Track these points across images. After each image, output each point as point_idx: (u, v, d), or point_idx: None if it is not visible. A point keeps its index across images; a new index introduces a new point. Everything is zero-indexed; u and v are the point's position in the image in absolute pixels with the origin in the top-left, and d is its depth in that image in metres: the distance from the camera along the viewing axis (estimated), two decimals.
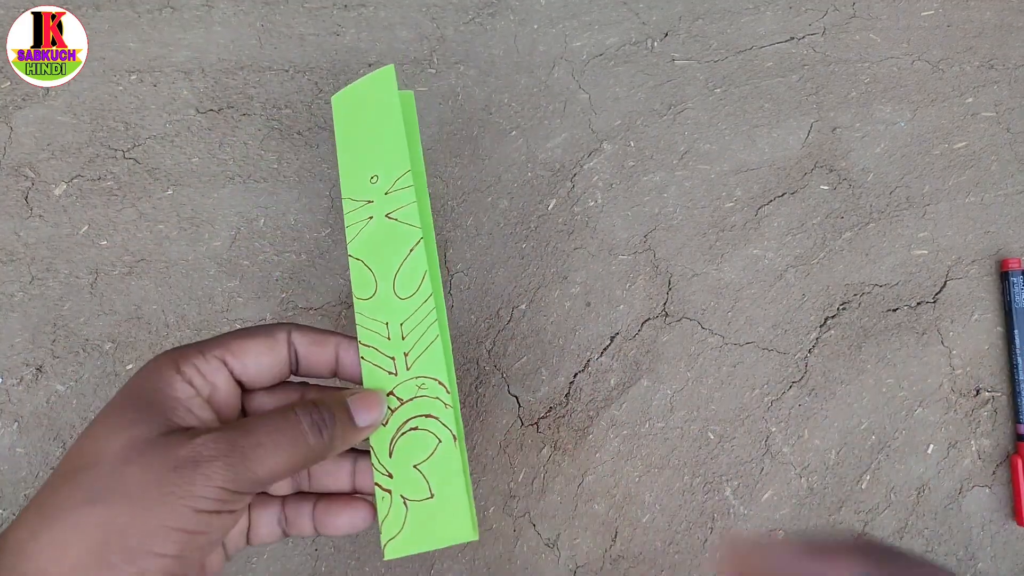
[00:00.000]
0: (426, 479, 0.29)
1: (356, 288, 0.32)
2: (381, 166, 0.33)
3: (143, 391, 0.26)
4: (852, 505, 0.48)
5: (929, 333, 0.49)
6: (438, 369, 0.30)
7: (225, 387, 0.28)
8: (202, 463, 0.23)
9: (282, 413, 0.26)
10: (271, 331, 0.29)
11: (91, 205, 0.47)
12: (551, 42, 0.50)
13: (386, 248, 0.32)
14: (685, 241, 0.49)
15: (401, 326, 0.31)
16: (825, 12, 0.51)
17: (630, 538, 0.47)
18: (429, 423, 0.30)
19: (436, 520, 0.29)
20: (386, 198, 0.32)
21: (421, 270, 0.31)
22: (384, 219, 0.32)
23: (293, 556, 0.45)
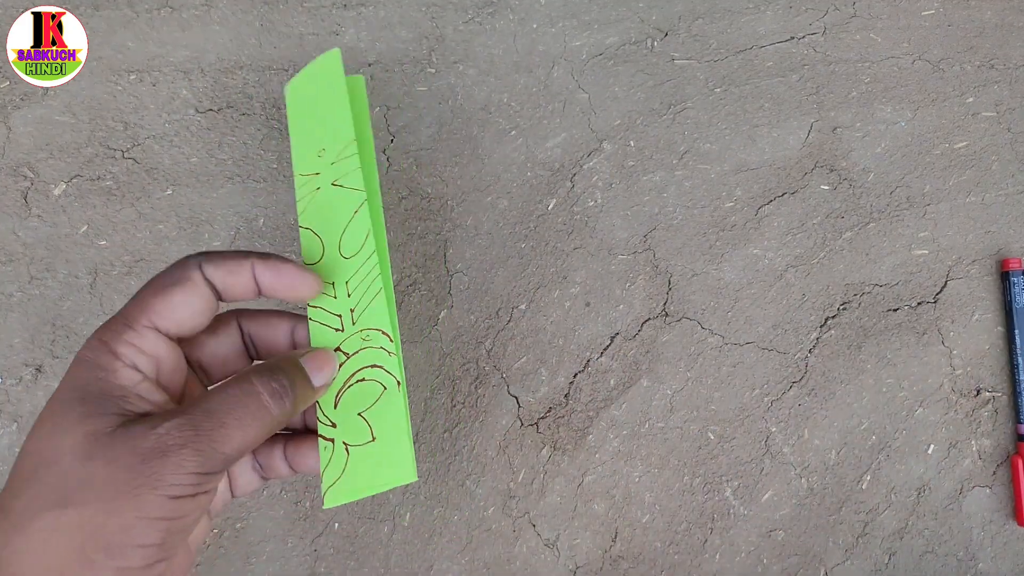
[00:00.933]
0: (369, 424, 0.30)
1: (305, 255, 0.32)
2: (328, 140, 0.33)
3: (86, 383, 0.25)
4: (852, 505, 0.48)
5: (929, 333, 0.49)
6: (381, 320, 0.31)
7: (167, 355, 0.27)
8: (170, 452, 0.23)
9: (240, 386, 0.26)
10: (185, 275, 0.27)
11: (90, 205, 0.47)
12: (551, 42, 0.50)
13: (333, 213, 0.32)
14: (685, 241, 0.49)
15: (347, 284, 0.31)
16: (825, 12, 0.51)
17: (630, 538, 0.47)
18: (375, 372, 0.30)
19: (377, 463, 0.30)
20: (332, 168, 0.33)
21: (364, 229, 0.31)
22: (330, 187, 0.33)
23: (292, 556, 0.45)
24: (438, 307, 0.48)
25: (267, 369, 0.27)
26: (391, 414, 0.30)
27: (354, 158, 0.33)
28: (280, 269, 0.29)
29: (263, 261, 0.29)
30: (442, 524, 0.46)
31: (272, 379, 0.26)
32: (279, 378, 0.27)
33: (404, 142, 0.49)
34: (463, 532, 0.46)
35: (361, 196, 0.32)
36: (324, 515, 0.46)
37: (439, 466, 0.47)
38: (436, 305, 0.48)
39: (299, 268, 0.29)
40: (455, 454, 0.47)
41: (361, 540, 0.46)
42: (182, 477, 0.23)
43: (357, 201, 0.32)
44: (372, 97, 0.49)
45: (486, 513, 0.46)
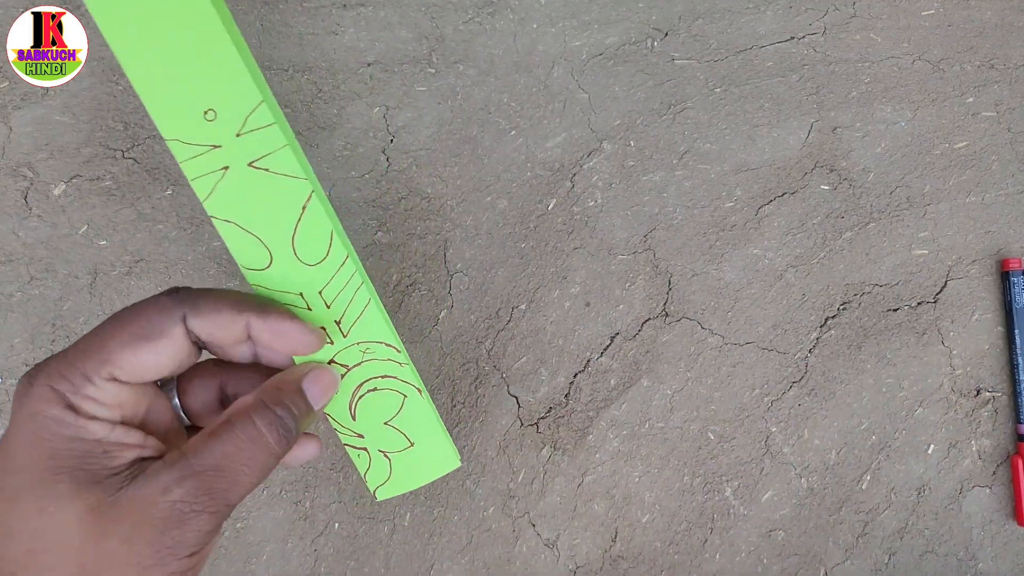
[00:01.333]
0: (401, 432, 0.29)
1: (240, 257, 0.27)
2: (216, 98, 0.25)
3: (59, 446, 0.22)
4: (852, 505, 0.48)
5: (929, 333, 0.49)
6: (381, 332, 0.28)
7: (129, 398, 0.24)
8: (188, 520, 0.22)
9: (246, 433, 0.24)
10: (163, 327, 0.24)
11: (90, 205, 0.47)
12: (550, 41, 0.50)
13: (267, 208, 0.26)
14: (685, 241, 0.49)
15: (321, 295, 0.28)
16: (825, 12, 0.51)
17: (630, 538, 0.47)
18: (389, 383, 0.29)
19: (421, 462, 0.30)
20: (240, 141, 0.26)
21: (326, 230, 0.27)
22: (248, 170, 0.26)
23: (292, 557, 0.45)
24: (438, 307, 0.48)
25: (269, 407, 0.25)
26: (422, 420, 0.30)
27: (273, 130, 0.26)
28: (282, 329, 0.26)
29: (262, 318, 0.25)
30: (442, 524, 0.46)
31: (277, 422, 0.24)
32: (283, 419, 0.25)
33: (404, 142, 0.49)
34: (463, 532, 0.46)
35: (305, 187, 0.26)
36: (324, 515, 0.46)
37: None
38: (436, 305, 0.48)
39: (302, 327, 0.26)
40: None
41: (361, 540, 0.46)
42: (201, 538, 0.23)
43: (302, 193, 0.26)
44: (372, 97, 0.49)
45: (486, 513, 0.46)
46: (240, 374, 0.29)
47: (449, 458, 0.30)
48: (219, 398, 0.29)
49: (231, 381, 0.29)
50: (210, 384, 0.29)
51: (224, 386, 0.29)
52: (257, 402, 0.25)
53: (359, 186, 0.48)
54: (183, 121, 0.26)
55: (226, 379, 0.29)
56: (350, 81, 0.49)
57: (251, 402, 0.25)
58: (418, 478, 0.30)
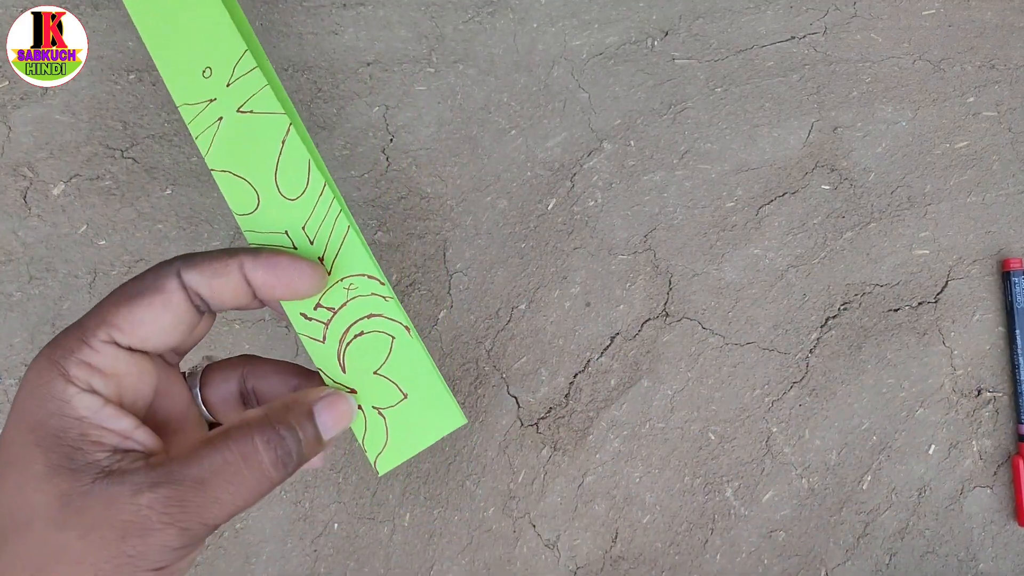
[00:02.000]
0: (392, 381, 0.28)
1: (233, 203, 0.28)
2: (211, 56, 0.28)
3: (42, 419, 0.21)
4: (853, 506, 0.47)
5: (930, 333, 0.49)
6: (363, 264, 0.27)
7: (129, 370, 0.23)
8: (151, 530, 0.20)
9: (240, 448, 0.22)
10: (157, 283, 0.23)
11: (89, 204, 0.47)
12: (551, 41, 0.50)
13: (252, 148, 0.28)
14: (685, 241, 0.49)
15: (304, 230, 0.27)
16: (826, 11, 0.51)
17: (630, 539, 0.46)
18: (375, 323, 0.27)
19: (419, 419, 0.28)
20: (230, 91, 0.28)
21: (303, 160, 0.27)
22: (236, 115, 0.28)
23: (292, 556, 0.45)
24: (438, 307, 0.48)
25: (273, 424, 0.23)
26: (412, 364, 0.28)
27: (255, 74, 0.28)
28: (275, 264, 0.25)
29: (253, 257, 0.24)
30: (442, 525, 0.46)
31: (278, 442, 0.22)
32: (285, 441, 0.23)
33: (403, 142, 0.49)
34: (463, 533, 0.46)
35: (283, 120, 0.27)
36: (324, 515, 0.46)
37: (439, 466, 0.46)
38: (436, 305, 0.48)
39: (296, 259, 0.25)
40: (455, 454, 0.47)
41: (361, 540, 0.45)
42: (165, 554, 0.21)
43: (281, 127, 0.27)
44: (372, 96, 0.49)
45: (486, 514, 0.46)
46: (263, 370, 0.28)
47: (450, 413, 0.28)
48: (240, 393, 0.28)
49: (253, 375, 0.28)
50: (232, 376, 0.28)
51: (246, 379, 0.28)
52: (262, 417, 0.23)
53: (359, 186, 0.48)
54: (189, 84, 0.28)
55: (249, 372, 0.28)
56: (350, 81, 0.49)
57: (256, 416, 0.23)
58: (418, 440, 0.28)
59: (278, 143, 0.27)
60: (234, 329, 0.47)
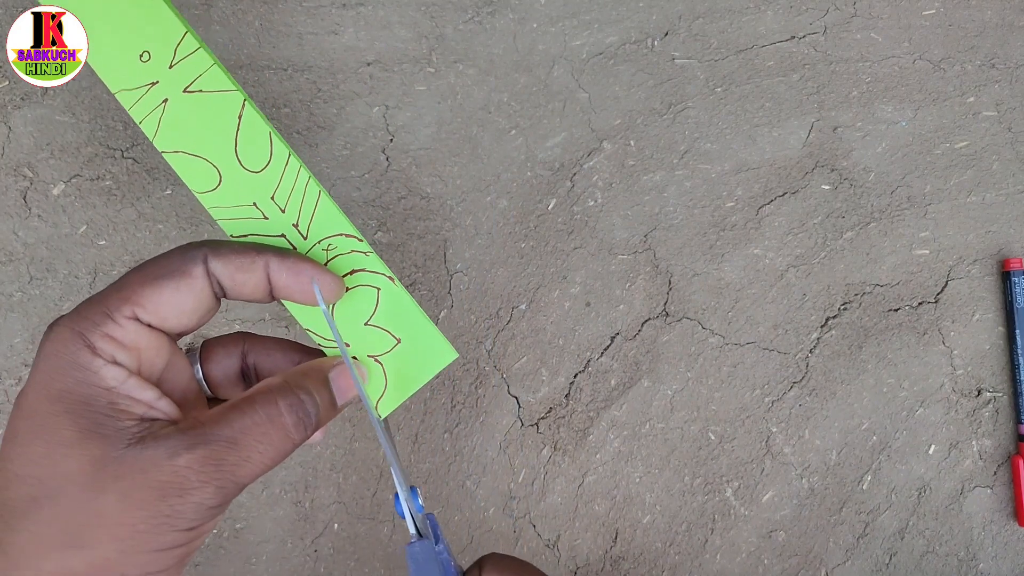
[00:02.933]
0: (385, 329, 0.29)
1: (192, 182, 0.28)
2: (148, 40, 0.28)
3: (68, 388, 0.22)
4: (853, 506, 0.47)
5: (930, 333, 0.49)
6: (339, 223, 0.28)
7: (149, 344, 0.24)
8: (190, 490, 0.21)
9: (266, 410, 0.23)
10: (184, 267, 0.24)
11: (90, 205, 0.47)
12: (551, 41, 0.50)
13: (206, 126, 0.28)
14: (685, 241, 0.49)
15: (274, 200, 0.28)
16: (826, 11, 0.51)
17: (630, 539, 0.46)
18: (359, 278, 0.28)
19: (414, 360, 0.29)
20: (172, 72, 0.28)
21: (264, 133, 0.28)
22: (183, 96, 0.28)
23: (293, 556, 0.45)
24: (438, 307, 0.48)
25: (293, 389, 0.24)
26: (401, 310, 0.29)
27: (200, 54, 0.28)
28: (299, 271, 0.26)
29: (280, 259, 0.26)
30: (443, 525, 0.46)
31: (299, 406, 0.24)
32: (305, 404, 0.24)
33: (403, 142, 0.49)
34: (464, 533, 0.46)
35: (237, 97, 0.28)
36: (324, 515, 0.46)
37: (439, 467, 0.46)
38: (436, 305, 0.48)
39: (321, 269, 0.26)
40: (455, 455, 0.47)
41: (361, 540, 0.45)
42: (201, 513, 0.22)
43: (235, 104, 0.28)
44: (372, 96, 0.49)
45: (486, 514, 0.46)
46: (264, 346, 0.29)
47: (442, 350, 0.29)
48: (240, 369, 0.29)
49: (254, 351, 0.29)
50: (234, 352, 0.29)
51: (247, 355, 0.29)
52: (282, 383, 0.24)
53: (359, 186, 0.48)
54: (125, 70, 0.28)
55: (249, 348, 0.29)
56: (350, 81, 0.49)
57: (276, 382, 0.24)
58: (416, 378, 0.29)
59: (234, 118, 0.28)
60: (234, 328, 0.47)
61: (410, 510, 0.27)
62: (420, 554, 0.27)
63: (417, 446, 0.46)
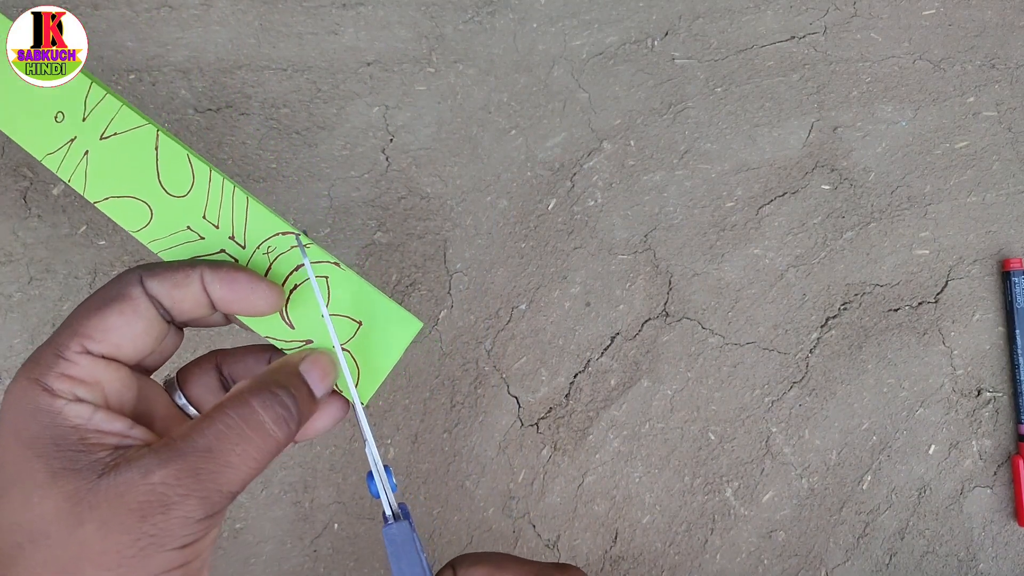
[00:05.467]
0: (344, 316, 0.28)
1: (126, 223, 0.28)
2: (58, 102, 0.29)
3: (35, 435, 0.21)
4: (853, 506, 0.47)
5: (930, 333, 0.49)
6: (273, 224, 0.28)
7: (110, 376, 0.23)
8: (172, 505, 0.21)
9: (239, 412, 0.22)
10: (123, 291, 0.24)
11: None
12: (550, 41, 0.50)
13: (128, 165, 0.28)
14: (685, 241, 0.49)
15: (205, 218, 0.28)
16: (826, 11, 0.51)
17: (630, 539, 0.46)
18: (305, 272, 0.28)
19: (379, 338, 0.28)
20: (87, 124, 0.29)
21: (181, 157, 0.28)
22: (101, 143, 0.28)
23: (291, 557, 0.45)
24: (438, 307, 0.48)
25: (265, 386, 0.23)
26: (354, 293, 0.28)
27: (108, 100, 0.28)
28: (233, 280, 0.25)
29: (213, 271, 0.25)
30: (442, 525, 0.46)
31: (274, 401, 0.23)
32: (280, 398, 0.23)
33: (403, 142, 0.49)
34: (463, 533, 0.46)
35: (150, 130, 0.28)
36: (323, 516, 0.46)
37: (438, 467, 0.46)
38: (436, 305, 0.48)
39: (254, 278, 0.26)
40: (455, 455, 0.47)
41: (361, 540, 0.45)
42: (189, 527, 0.21)
43: (149, 137, 0.28)
44: (372, 96, 0.49)
45: (486, 514, 0.46)
46: (236, 356, 0.29)
47: (405, 322, 0.29)
48: (220, 385, 0.28)
49: (227, 364, 0.28)
50: (209, 370, 0.28)
51: (222, 370, 0.28)
52: (252, 383, 0.24)
53: (358, 186, 0.48)
54: (44, 135, 0.29)
55: (223, 362, 0.28)
56: (349, 81, 0.49)
57: (246, 384, 0.24)
58: (388, 357, 0.29)
59: (151, 150, 0.28)
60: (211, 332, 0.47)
61: (385, 490, 0.27)
62: (398, 535, 0.26)
63: (416, 446, 0.46)
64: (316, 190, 0.48)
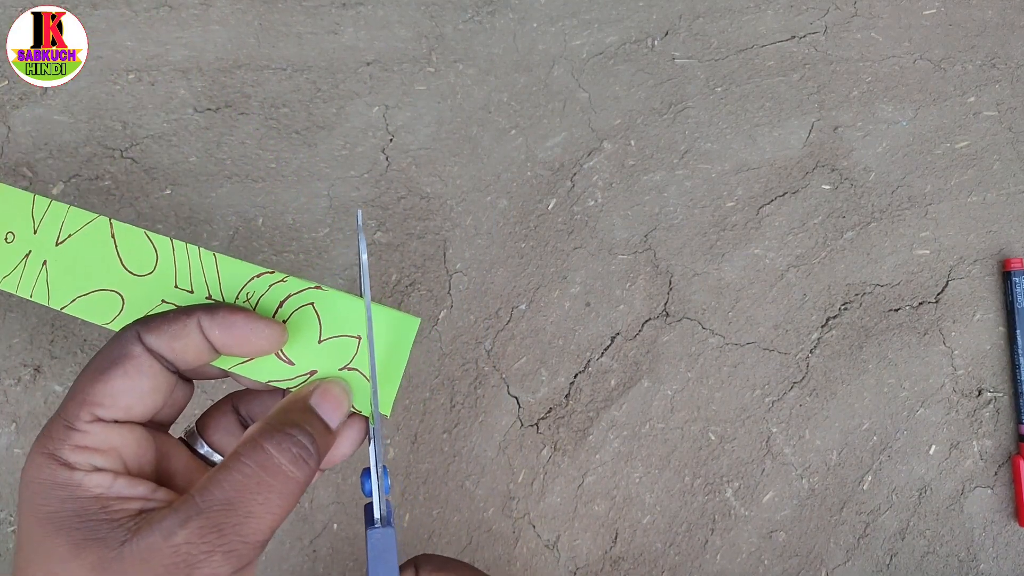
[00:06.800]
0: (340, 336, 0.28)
1: (100, 318, 0.28)
2: (6, 225, 0.29)
3: (56, 511, 0.21)
4: (853, 506, 0.47)
5: (931, 333, 0.49)
6: (245, 271, 0.28)
7: (126, 441, 0.23)
8: (198, 564, 0.20)
9: (255, 459, 0.22)
10: (123, 351, 0.23)
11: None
12: (550, 41, 0.50)
13: (89, 262, 0.28)
14: (686, 241, 0.49)
15: (177, 287, 0.28)
16: (826, 11, 0.51)
17: (630, 539, 0.46)
18: (289, 305, 0.28)
19: (382, 345, 0.28)
20: (39, 236, 0.29)
21: (139, 236, 0.28)
22: (58, 249, 0.28)
23: (291, 557, 0.45)
24: (438, 307, 0.48)
25: (278, 428, 0.23)
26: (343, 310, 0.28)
27: (55, 206, 0.29)
28: (231, 323, 0.24)
29: (210, 315, 0.24)
30: (441, 525, 0.46)
31: (289, 442, 0.22)
32: (296, 438, 0.23)
33: (403, 141, 0.48)
34: (463, 533, 0.46)
35: (104, 222, 0.28)
36: (323, 516, 0.46)
37: (438, 467, 0.46)
38: (436, 305, 0.48)
39: (252, 318, 0.25)
40: (454, 455, 0.47)
41: (360, 541, 0.45)
42: None
43: (103, 228, 0.28)
44: (371, 96, 0.49)
45: (486, 514, 0.46)
46: (252, 395, 0.28)
47: (404, 322, 0.28)
48: (241, 427, 0.28)
49: (243, 405, 0.28)
50: (227, 412, 0.28)
51: (239, 412, 0.28)
52: (263, 427, 0.23)
53: (358, 185, 0.48)
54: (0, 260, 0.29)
55: (239, 403, 0.28)
56: (349, 80, 0.49)
57: (257, 429, 0.23)
58: (397, 361, 0.28)
59: (109, 239, 0.28)
60: None
61: (379, 492, 0.26)
62: (381, 541, 0.25)
63: (416, 446, 0.46)
64: (316, 190, 0.48)
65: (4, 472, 0.44)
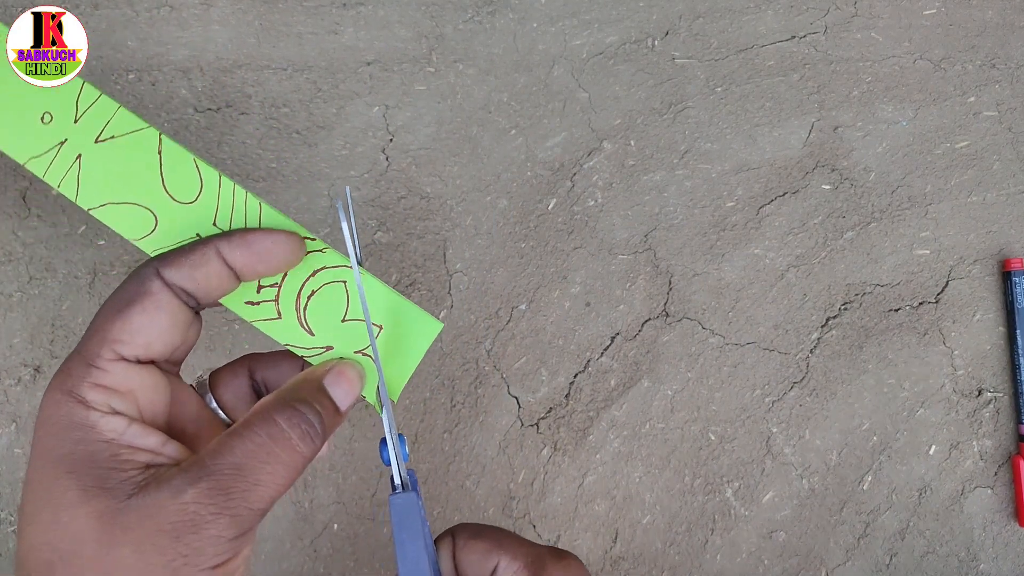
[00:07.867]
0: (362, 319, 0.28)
1: (127, 232, 0.27)
2: (46, 101, 0.28)
3: (68, 451, 0.21)
4: (853, 506, 0.47)
5: (931, 333, 0.49)
6: (284, 225, 0.27)
7: (144, 383, 0.23)
8: (203, 524, 0.21)
9: (266, 430, 0.22)
10: (142, 287, 0.23)
11: None
12: (551, 41, 0.50)
13: (128, 171, 0.27)
14: (686, 241, 0.49)
15: (216, 224, 0.27)
16: (827, 11, 0.51)
17: (630, 539, 0.46)
18: (322, 276, 0.27)
19: (401, 341, 0.28)
20: (79, 126, 0.27)
21: (188, 161, 0.27)
22: (96, 146, 0.27)
23: (291, 556, 0.45)
24: (438, 307, 0.48)
25: (289, 403, 0.23)
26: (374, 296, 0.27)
27: (104, 100, 0.27)
28: (249, 241, 0.25)
29: (227, 240, 0.24)
30: (442, 525, 0.46)
31: (299, 418, 0.23)
32: (306, 416, 0.23)
33: (403, 141, 0.49)
34: None
35: (153, 133, 0.27)
36: (323, 516, 0.46)
37: (438, 467, 0.46)
38: (436, 305, 0.48)
39: (268, 232, 0.25)
40: (455, 455, 0.47)
41: (360, 540, 0.45)
42: (221, 546, 0.21)
43: (151, 140, 0.27)
44: (371, 96, 0.49)
45: (486, 514, 0.46)
46: (270, 361, 0.29)
47: (427, 323, 0.28)
48: (252, 390, 0.28)
49: (260, 368, 0.28)
50: (241, 374, 0.28)
51: (254, 375, 0.28)
52: (277, 399, 0.23)
53: (358, 185, 0.48)
54: (28, 136, 0.27)
55: (256, 367, 0.28)
56: (349, 80, 0.49)
57: (271, 400, 0.23)
58: (409, 359, 0.28)
59: (155, 154, 0.27)
60: (233, 329, 0.47)
61: (397, 458, 0.26)
62: (403, 506, 0.25)
63: (416, 446, 0.46)
64: (316, 190, 0.48)
65: (4, 472, 0.44)
